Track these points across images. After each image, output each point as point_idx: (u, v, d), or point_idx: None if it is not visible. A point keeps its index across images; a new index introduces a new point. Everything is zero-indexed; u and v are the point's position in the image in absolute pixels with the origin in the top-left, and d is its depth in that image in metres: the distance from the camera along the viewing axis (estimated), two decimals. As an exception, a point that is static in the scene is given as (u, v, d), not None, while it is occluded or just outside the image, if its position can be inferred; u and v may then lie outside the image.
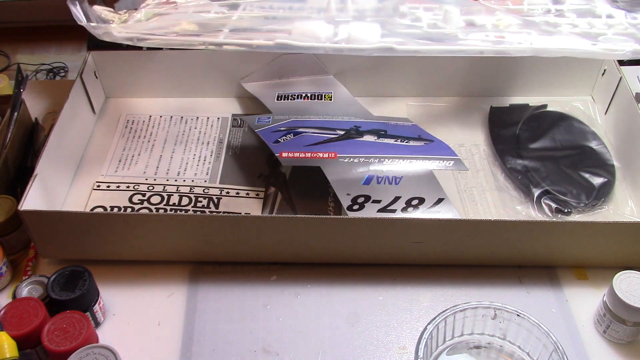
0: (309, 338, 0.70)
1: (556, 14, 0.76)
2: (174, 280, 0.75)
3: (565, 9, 0.77)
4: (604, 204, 0.80)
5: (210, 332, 0.71)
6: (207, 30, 0.70)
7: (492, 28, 0.70)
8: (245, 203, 0.81)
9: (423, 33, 0.69)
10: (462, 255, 0.75)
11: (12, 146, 0.83)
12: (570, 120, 0.90)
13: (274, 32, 0.69)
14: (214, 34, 0.68)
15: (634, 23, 0.73)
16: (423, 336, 0.63)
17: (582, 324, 0.72)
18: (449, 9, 0.71)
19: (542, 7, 0.77)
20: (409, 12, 0.75)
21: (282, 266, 0.76)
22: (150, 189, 0.83)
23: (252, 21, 0.72)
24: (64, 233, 0.73)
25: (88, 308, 0.69)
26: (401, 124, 0.86)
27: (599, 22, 0.73)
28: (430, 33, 0.70)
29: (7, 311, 0.66)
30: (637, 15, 0.74)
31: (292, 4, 0.76)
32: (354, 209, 0.75)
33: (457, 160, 0.78)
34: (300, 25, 0.68)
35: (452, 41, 0.68)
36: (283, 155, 0.78)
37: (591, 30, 0.71)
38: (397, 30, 0.69)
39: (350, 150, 0.78)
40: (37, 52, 1.19)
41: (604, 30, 0.71)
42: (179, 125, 0.93)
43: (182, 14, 0.74)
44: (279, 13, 0.74)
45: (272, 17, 0.73)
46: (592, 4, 0.76)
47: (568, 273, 0.76)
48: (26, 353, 0.66)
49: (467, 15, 0.73)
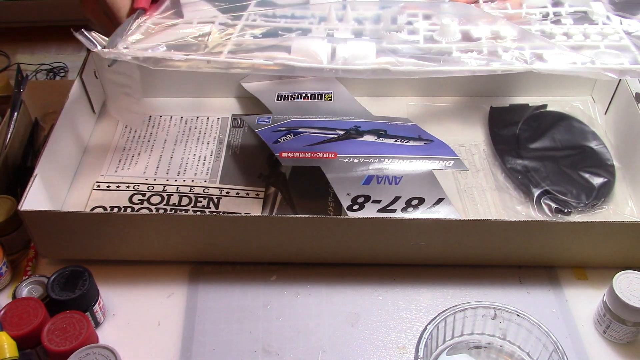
0: (309, 338, 0.70)
1: (554, 19, 0.76)
2: (174, 280, 0.75)
3: (563, 12, 0.77)
4: (604, 204, 0.81)
5: (210, 332, 0.71)
6: (210, 48, 0.71)
7: (487, 41, 0.72)
8: (245, 203, 0.81)
9: (418, 51, 0.71)
10: (462, 255, 0.75)
11: (12, 146, 0.83)
12: (570, 120, 0.90)
13: (274, 48, 0.70)
14: (217, 54, 0.69)
15: (629, 30, 0.73)
16: (423, 336, 0.63)
17: (582, 324, 0.72)
18: (446, 22, 0.72)
19: (541, 11, 0.78)
20: (407, 22, 0.76)
21: (282, 266, 0.76)
22: (150, 189, 0.83)
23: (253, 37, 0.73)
24: (64, 233, 0.73)
25: (88, 308, 0.69)
26: (401, 124, 0.86)
27: (594, 31, 0.74)
28: (425, 50, 0.71)
29: (7, 311, 0.66)
30: (632, 22, 0.74)
31: (295, 11, 0.77)
32: (353, 209, 0.75)
33: (457, 160, 0.78)
34: (299, 44, 0.69)
35: (446, 59, 0.69)
36: (283, 155, 0.78)
37: (585, 43, 0.72)
38: (394, 46, 0.70)
39: (350, 150, 0.78)
40: (37, 52, 1.19)
41: (598, 41, 0.72)
42: (179, 125, 0.93)
43: (187, 24, 0.74)
44: (281, 24, 0.75)
45: (273, 29, 0.74)
46: (589, 8, 0.77)
47: (568, 273, 0.76)
48: (26, 353, 0.66)
49: (464, 25, 0.74)
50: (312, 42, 0.69)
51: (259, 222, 0.73)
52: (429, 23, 0.76)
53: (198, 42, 0.71)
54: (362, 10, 0.77)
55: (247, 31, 0.73)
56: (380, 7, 0.77)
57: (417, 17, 0.77)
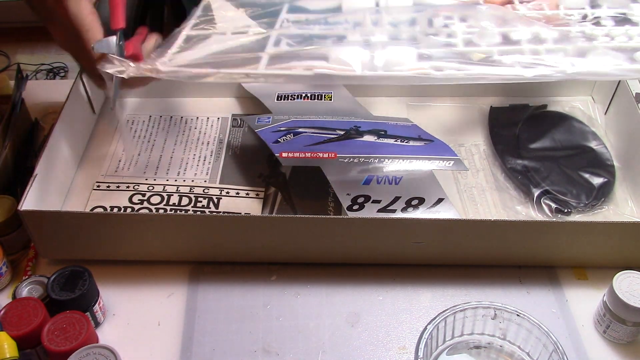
0: (309, 338, 0.70)
1: (593, 21, 0.74)
2: (174, 280, 0.75)
3: (602, 14, 0.75)
4: (604, 204, 0.80)
5: (210, 332, 0.71)
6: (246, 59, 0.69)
7: (527, 45, 0.69)
8: (245, 203, 0.81)
9: (458, 54, 0.68)
10: (462, 255, 0.75)
11: (12, 146, 0.83)
12: (570, 121, 0.90)
13: (311, 57, 0.68)
14: (254, 65, 0.68)
15: None
16: (423, 336, 0.63)
17: (582, 324, 0.72)
18: (485, 25, 0.70)
19: (579, 12, 0.75)
20: (444, 25, 0.74)
21: (282, 266, 0.76)
22: (150, 189, 0.83)
23: (289, 45, 0.71)
24: (63, 233, 0.73)
25: (88, 308, 0.69)
26: (401, 124, 0.86)
27: (637, 32, 0.71)
28: (466, 53, 0.68)
29: (7, 311, 0.66)
30: None
31: (328, 17, 0.76)
32: (353, 209, 0.75)
33: (457, 161, 0.78)
34: (336, 52, 0.68)
35: (488, 62, 0.67)
36: (283, 155, 0.78)
37: (628, 44, 0.70)
38: (433, 51, 0.68)
39: (350, 151, 0.78)
40: (37, 52, 1.19)
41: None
42: (179, 125, 0.93)
43: (221, 35, 0.73)
44: (315, 31, 0.73)
45: (308, 36, 0.72)
46: (629, 10, 0.75)
47: (568, 273, 0.76)
48: (26, 353, 0.66)
49: (502, 28, 0.72)
50: (349, 49, 0.68)
51: (259, 222, 0.73)
52: (466, 25, 0.74)
53: (234, 56, 0.70)
54: (396, 14, 0.75)
55: (282, 40, 0.72)
56: (415, 11, 0.75)
57: (452, 19, 0.75)
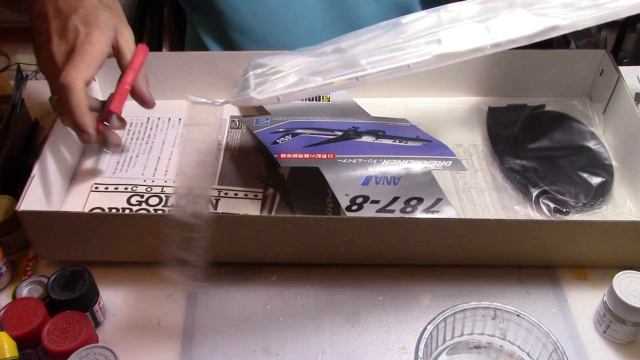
0: (309, 338, 0.70)
1: None
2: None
3: None
4: (603, 203, 0.81)
5: (210, 332, 0.71)
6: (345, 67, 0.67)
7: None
8: (243, 204, 0.81)
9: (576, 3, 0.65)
10: (462, 255, 0.75)
11: (12, 146, 0.83)
12: (568, 120, 0.90)
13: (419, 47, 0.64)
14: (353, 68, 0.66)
15: None
16: (423, 336, 0.63)
17: (582, 324, 0.72)
18: None
19: None
20: None
21: (282, 266, 0.76)
22: (148, 190, 0.83)
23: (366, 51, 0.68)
24: (62, 234, 0.73)
25: (88, 308, 0.69)
26: (399, 124, 0.86)
27: None
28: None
29: (7, 311, 0.66)
30: None
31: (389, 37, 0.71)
32: (352, 210, 0.75)
33: (455, 161, 0.78)
34: (448, 34, 0.65)
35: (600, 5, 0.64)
36: (281, 157, 0.78)
37: None
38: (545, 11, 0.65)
39: (349, 151, 0.78)
40: (36, 52, 1.19)
41: None
42: (177, 126, 0.93)
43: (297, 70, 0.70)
44: (392, 46, 0.70)
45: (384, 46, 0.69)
46: None
47: (568, 273, 0.76)
48: (26, 353, 0.66)
49: None
50: (462, 26, 0.66)
51: (258, 222, 0.73)
52: None
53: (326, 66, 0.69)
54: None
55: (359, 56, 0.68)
56: None
57: None
